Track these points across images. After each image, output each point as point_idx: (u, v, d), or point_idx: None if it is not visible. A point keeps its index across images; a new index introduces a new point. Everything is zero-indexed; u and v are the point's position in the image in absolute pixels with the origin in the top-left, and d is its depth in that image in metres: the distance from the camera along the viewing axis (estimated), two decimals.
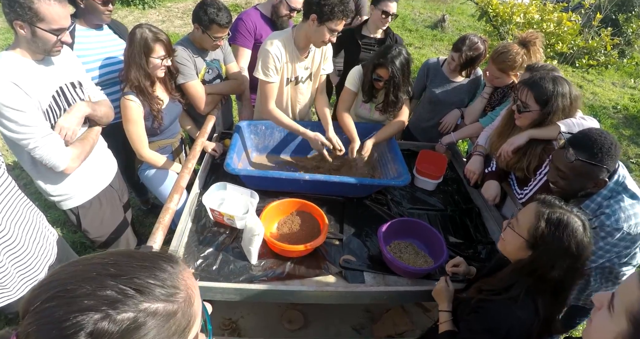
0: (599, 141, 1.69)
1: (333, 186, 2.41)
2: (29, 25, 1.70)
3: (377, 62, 2.59)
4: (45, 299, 0.60)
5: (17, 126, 1.73)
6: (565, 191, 1.82)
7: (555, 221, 1.37)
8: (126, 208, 2.57)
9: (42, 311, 0.60)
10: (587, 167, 1.71)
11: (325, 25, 2.33)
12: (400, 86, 2.64)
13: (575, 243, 1.35)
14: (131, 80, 2.23)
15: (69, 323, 0.58)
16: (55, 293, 0.61)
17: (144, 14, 8.21)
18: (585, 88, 6.99)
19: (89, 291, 0.61)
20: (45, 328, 0.59)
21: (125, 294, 0.62)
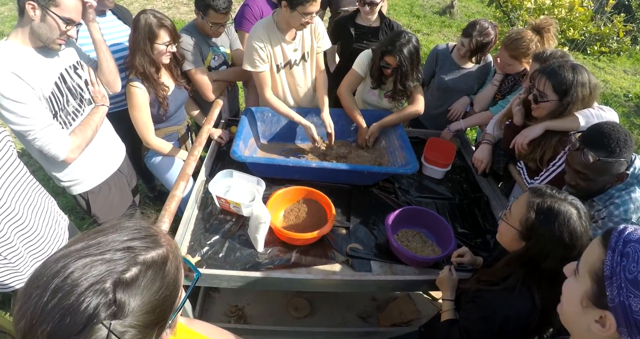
0: (614, 136, 1.62)
1: (340, 174, 2.40)
2: (42, 8, 1.69)
3: (384, 50, 2.55)
4: (46, 299, 0.62)
5: (17, 117, 1.73)
6: (588, 191, 1.76)
7: (545, 211, 1.36)
8: (134, 193, 2.58)
9: (50, 310, 0.62)
10: (608, 164, 1.64)
11: (297, 10, 2.30)
12: (408, 75, 2.59)
13: (567, 232, 1.33)
14: (136, 66, 2.21)
15: (84, 306, 0.62)
16: (54, 289, 0.63)
17: (150, 0, 8.15)
18: (597, 76, 6.85)
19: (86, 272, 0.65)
20: (63, 322, 0.61)
21: (117, 260, 0.67)
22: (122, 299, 0.65)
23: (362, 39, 3.32)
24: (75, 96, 2.01)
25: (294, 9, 2.30)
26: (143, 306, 0.67)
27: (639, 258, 0.82)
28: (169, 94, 2.40)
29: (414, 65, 2.58)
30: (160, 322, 0.72)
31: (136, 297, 0.67)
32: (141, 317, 0.67)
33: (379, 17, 3.31)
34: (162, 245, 0.76)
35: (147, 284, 0.69)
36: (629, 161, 1.66)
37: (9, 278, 1.80)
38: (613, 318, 0.83)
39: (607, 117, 1.93)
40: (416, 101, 2.78)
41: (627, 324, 0.82)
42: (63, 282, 0.63)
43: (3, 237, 1.67)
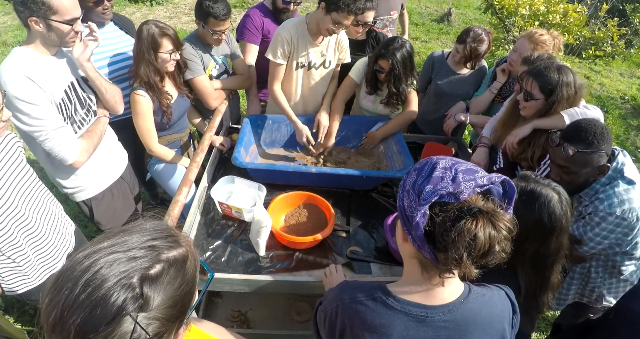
0: (591, 129, 1.72)
1: (340, 179, 2.44)
2: (44, 20, 1.76)
3: (378, 54, 2.61)
4: (77, 292, 0.67)
5: (29, 118, 1.78)
6: (573, 184, 1.82)
7: (527, 193, 1.42)
8: (137, 200, 2.62)
9: (81, 302, 0.67)
10: (587, 156, 1.73)
11: (331, 15, 2.36)
12: (401, 78, 2.64)
13: (547, 214, 1.39)
14: (141, 76, 2.27)
15: (113, 299, 0.67)
16: (84, 283, 0.68)
17: (152, 10, 8.25)
18: (593, 79, 6.94)
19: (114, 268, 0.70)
20: (93, 313, 0.66)
21: (142, 257, 0.73)
22: (148, 294, 0.70)
23: None
24: (83, 106, 2.07)
25: (328, 13, 2.37)
26: (166, 301, 0.72)
27: (412, 171, 1.01)
28: (172, 103, 2.45)
29: (407, 70, 2.63)
30: (180, 317, 0.77)
31: (160, 292, 0.72)
32: (164, 310, 0.72)
33: (366, 32, 3.28)
34: (182, 245, 0.81)
35: (170, 280, 0.74)
36: (608, 153, 1.74)
37: (17, 281, 1.84)
38: (402, 224, 1.00)
39: (591, 115, 2.01)
40: (409, 104, 2.84)
41: (404, 224, 0.98)
42: (93, 277, 0.68)
43: (13, 241, 1.71)
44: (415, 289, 1.04)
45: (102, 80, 2.12)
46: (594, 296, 2.12)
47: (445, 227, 0.89)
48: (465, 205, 0.90)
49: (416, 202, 0.94)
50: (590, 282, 2.09)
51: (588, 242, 1.86)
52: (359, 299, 1.07)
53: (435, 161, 0.98)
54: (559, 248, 1.48)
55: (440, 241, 0.91)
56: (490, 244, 0.88)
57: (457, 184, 0.90)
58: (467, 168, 0.95)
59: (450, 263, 0.91)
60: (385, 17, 3.85)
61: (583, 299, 2.18)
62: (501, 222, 0.89)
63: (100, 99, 2.16)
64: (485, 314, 1.07)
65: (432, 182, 0.93)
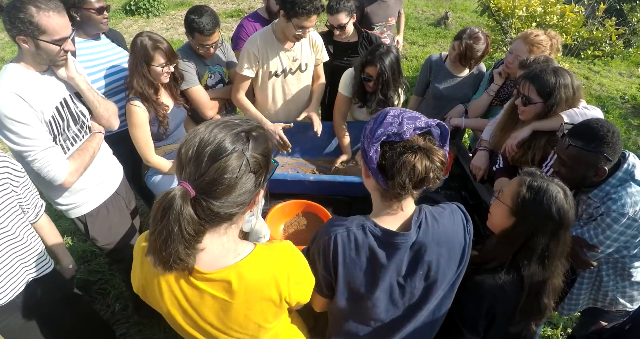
0: (595, 129, 1.71)
1: (338, 186, 2.41)
2: (32, 39, 1.73)
3: (364, 61, 2.57)
4: (206, 138, 0.98)
5: (19, 138, 1.76)
6: (568, 179, 1.81)
7: (535, 188, 1.46)
8: (134, 215, 2.58)
9: (212, 143, 0.97)
10: (583, 154, 1.73)
11: (292, 21, 2.36)
12: (389, 84, 2.59)
13: (555, 208, 1.43)
14: (135, 88, 2.26)
15: (231, 140, 0.99)
16: (209, 135, 0.99)
17: (149, 22, 8.28)
18: (592, 79, 6.91)
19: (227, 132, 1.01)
20: (219, 146, 0.97)
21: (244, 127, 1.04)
22: (251, 143, 1.01)
23: (342, 56, 3.29)
24: (76, 122, 2.04)
25: (289, 20, 2.36)
26: (261, 151, 1.04)
27: (371, 120, 1.24)
28: (168, 113, 2.44)
29: (395, 75, 2.58)
30: (266, 168, 1.08)
31: (257, 145, 1.03)
32: (259, 157, 1.03)
33: (356, 32, 3.29)
34: (263, 130, 1.10)
35: (262, 141, 1.06)
36: (610, 158, 1.72)
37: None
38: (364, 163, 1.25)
39: (591, 115, 2.00)
40: None
41: (365, 161, 1.23)
42: (214, 136, 0.98)
43: None
44: (386, 213, 1.29)
45: (94, 93, 2.09)
46: (608, 299, 2.08)
47: (393, 161, 1.14)
48: (409, 144, 1.14)
49: (371, 141, 1.18)
50: (602, 286, 2.06)
51: (598, 246, 1.83)
52: (350, 229, 1.27)
53: (387, 111, 1.22)
54: (565, 245, 1.51)
55: (389, 171, 1.16)
56: (426, 172, 1.13)
57: (401, 126, 1.15)
58: (411, 115, 1.19)
59: (397, 187, 1.15)
60: (382, 23, 3.85)
61: (597, 304, 2.14)
62: (435, 156, 1.14)
63: (94, 113, 2.13)
64: (443, 227, 1.30)
65: (383, 127, 1.17)
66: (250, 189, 1.02)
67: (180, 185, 0.95)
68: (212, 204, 0.97)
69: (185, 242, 0.96)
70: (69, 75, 1.95)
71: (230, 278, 1.06)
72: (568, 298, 2.13)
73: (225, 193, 0.98)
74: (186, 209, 0.93)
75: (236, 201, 1.00)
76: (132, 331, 2.81)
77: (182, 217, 0.93)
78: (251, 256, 1.11)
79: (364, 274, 1.27)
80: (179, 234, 0.94)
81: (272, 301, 1.14)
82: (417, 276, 1.30)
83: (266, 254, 1.14)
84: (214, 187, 0.96)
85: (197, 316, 1.13)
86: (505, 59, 2.84)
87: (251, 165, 0.99)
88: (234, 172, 0.97)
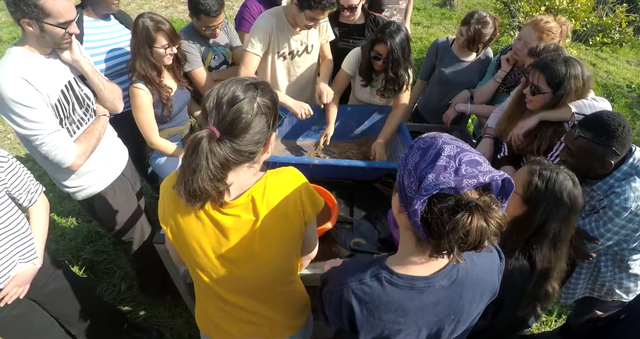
0: (606, 122, 1.71)
1: (342, 170, 2.42)
2: (37, 22, 1.72)
3: (374, 38, 2.53)
4: (224, 89, 1.17)
5: (25, 121, 1.76)
6: (574, 169, 1.81)
7: (546, 176, 1.49)
8: (139, 196, 2.60)
9: (228, 91, 1.16)
10: (591, 146, 1.73)
11: (304, 12, 2.33)
12: (400, 62, 2.54)
13: (567, 193, 1.47)
14: (137, 70, 2.24)
15: (244, 88, 1.17)
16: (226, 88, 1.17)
17: (147, 0, 8.17)
18: (599, 66, 6.84)
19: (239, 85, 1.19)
20: (235, 95, 1.15)
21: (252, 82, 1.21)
22: (260, 91, 1.19)
23: (348, 38, 3.24)
24: (81, 105, 2.03)
25: (302, 11, 2.33)
26: (268, 98, 1.20)
27: (416, 150, 1.01)
28: (172, 95, 2.43)
29: (405, 53, 2.54)
30: (274, 115, 1.24)
31: (264, 94, 1.20)
32: (267, 101, 1.20)
33: (363, 14, 3.22)
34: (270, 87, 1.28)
35: (268, 91, 1.23)
36: (619, 152, 1.72)
37: None
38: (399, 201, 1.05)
39: (599, 107, 1.99)
40: (400, 97, 2.76)
41: (402, 201, 1.03)
42: (228, 88, 1.16)
43: None
44: (414, 261, 1.09)
45: (99, 76, 2.08)
46: (604, 290, 2.11)
47: (442, 219, 0.92)
48: (463, 198, 0.92)
49: (416, 187, 0.96)
50: (600, 277, 2.08)
51: (599, 238, 1.85)
52: (364, 281, 1.11)
53: (440, 145, 0.97)
54: (573, 228, 1.55)
55: (434, 229, 0.94)
56: (481, 239, 0.91)
57: (459, 179, 0.91)
58: (471, 159, 0.95)
59: (441, 251, 0.96)
60: (393, 5, 3.78)
61: (593, 293, 2.16)
62: (494, 220, 0.92)
63: (98, 96, 2.12)
64: (478, 270, 1.15)
65: (435, 171, 0.94)
66: (263, 128, 1.20)
67: (207, 128, 1.13)
68: (234, 142, 1.15)
69: (210, 174, 1.12)
70: (73, 58, 1.94)
71: (253, 194, 1.25)
72: (566, 287, 2.16)
73: (244, 131, 1.15)
74: (213, 145, 1.11)
75: (253, 139, 1.18)
76: (138, 309, 2.86)
77: (209, 151, 1.10)
78: (265, 177, 1.29)
79: (385, 324, 1.12)
80: (205, 165, 1.10)
81: (291, 218, 1.31)
82: (447, 321, 1.16)
83: (278, 175, 1.31)
84: (233, 126, 1.14)
85: (225, 242, 1.29)
86: (513, 46, 2.80)
87: (262, 107, 1.17)
88: (249, 113, 1.14)
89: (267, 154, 1.32)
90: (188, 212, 1.26)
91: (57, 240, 3.29)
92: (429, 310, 1.11)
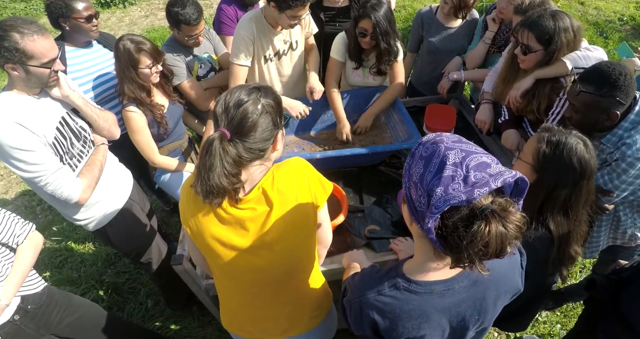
0: (606, 73, 1.67)
1: (346, 159, 2.41)
2: (21, 66, 1.72)
3: (357, 15, 2.48)
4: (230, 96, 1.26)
5: (27, 165, 1.76)
6: (581, 125, 1.79)
7: (555, 142, 1.47)
8: (150, 216, 2.61)
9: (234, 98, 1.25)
10: (594, 99, 1.70)
11: (285, 13, 2.28)
12: (389, 33, 2.48)
13: (577, 159, 1.45)
14: (127, 94, 2.23)
15: (247, 93, 1.26)
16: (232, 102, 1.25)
17: (126, 12, 8.06)
18: (587, 4, 6.68)
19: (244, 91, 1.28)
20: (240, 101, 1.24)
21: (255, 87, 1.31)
22: (262, 93, 1.28)
23: (334, 21, 3.19)
24: (79, 138, 2.04)
25: (282, 12, 2.28)
26: (271, 99, 1.30)
27: (419, 160, 0.96)
28: (165, 113, 2.42)
29: (391, 24, 2.48)
30: (279, 115, 1.33)
31: (267, 95, 1.29)
32: (271, 101, 1.29)
33: None
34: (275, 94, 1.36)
35: (271, 92, 1.32)
36: (624, 101, 1.68)
37: None
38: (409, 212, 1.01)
39: (594, 57, 1.97)
40: (396, 76, 2.73)
41: (413, 214, 0.98)
42: (233, 94, 1.26)
43: None
44: (432, 267, 1.05)
45: (91, 107, 2.08)
46: (627, 236, 2.12)
47: (458, 233, 0.87)
48: (477, 206, 0.87)
49: (426, 202, 0.91)
50: (621, 225, 2.08)
51: (614, 190, 1.83)
52: (383, 292, 1.08)
53: (444, 153, 0.92)
54: (589, 193, 1.53)
55: (452, 243, 0.89)
56: (502, 247, 0.87)
57: (469, 189, 0.86)
58: (479, 162, 0.90)
59: (462, 263, 0.91)
60: None
61: (617, 242, 2.18)
62: (512, 223, 0.87)
63: (94, 126, 2.13)
64: (499, 268, 1.12)
65: (443, 183, 0.88)
66: (269, 126, 1.28)
67: (219, 131, 1.21)
68: (244, 141, 1.24)
69: (225, 171, 1.19)
70: (63, 94, 1.94)
71: (264, 186, 1.32)
72: (588, 242, 2.16)
73: (252, 130, 1.23)
74: (224, 144, 1.20)
75: (262, 136, 1.26)
76: (168, 323, 2.91)
77: (222, 150, 1.18)
78: (273, 169, 1.37)
79: (409, 331, 1.09)
80: (220, 164, 1.18)
81: (302, 203, 1.37)
82: (471, 321, 1.13)
83: (284, 165, 1.39)
84: (242, 126, 1.22)
85: (245, 233, 1.35)
86: (497, 4, 2.74)
87: (266, 107, 1.26)
88: (254, 112, 1.23)
89: (277, 152, 1.39)
90: (207, 210, 1.34)
91: (77, 267, 3.34)
92: (451, 311, 1.09)
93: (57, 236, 3.56)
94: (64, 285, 3.12)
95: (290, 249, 1.43)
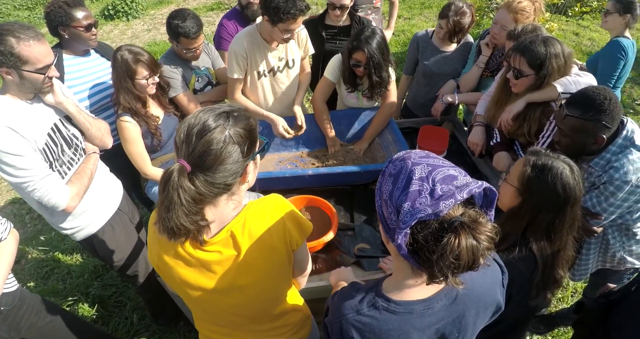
0: (591, 97, 1.70)
1: (338, 177, 2.42)
2: (15, 70, 1.72)
3: (351, 47, 2.52)
4: (193, 122, 1.11)
5: (15, 170, 1.75)
6: (569, 148, 1.82)
7: (540, 166, 1.46)
8: (139, 228, 2.58)
9: (198, 124, 1.10)
10: (580, 123, 1.73)
11: (277, 26, 2.33)
12: (381, 65, 2.54)
13: (561, 185, 1.43)
14: (122, 104, 2.24)
15: (213, 119, 1.10)
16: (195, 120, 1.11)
17: (129, 25, 8.18)
18: (582, 35, 6.83)
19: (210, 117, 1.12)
20: (205, 126, 1.09)
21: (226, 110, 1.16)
22: (232, 120, 1.13)
23: (335, 39, 3.26)
24: (70, 145, 2.03)
25: (275, 25, 2.33)
26: (242, 127, 1.14)
27: (388, 177, 0.98)
28: (159, 124, 2.43)
29: (384, 55, 2.54)
30: (249, 142, 1.16)
31: (238, 122, 1.13)
32: (240, 130, 1.13)
33: (349, 16, 3.25)
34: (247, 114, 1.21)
35: (243, 119, 1.16)
36: (610, 125, 1.71)
37: None
38: (384, 230, 1.02)
39: (584, 82, 2.01)
40: (387, 97, 2.77)
41: (386, 232, 0.99)
42: (199, 118, 1.11)
43: None
44: (410, 284, 1.05)
45: (84, 115, 2.08)
46: (616, 260, 2.12)
47: (428, 247, 0.88)
48: (446, 218, 0.87)
49: (395, 218, 0.92)
50: (609, 248, 2.09)
51: (602, 213, 1.84)
52: (362, 312, 1.07)
53: (410, 168, 0.94)
54: (574, 219, 1.52)
55: (423, 258, 0.90)
56: (474, 259, 0.87)
57: (436, 202, 0.87)
58: (445, 175, 0.91)
59: (436, 278, 0.91)
60: (367, 5, 3.77)
61: (606, 265, 2.18)
62: (483, 234, 0.87)
63: (86, 135, 2.12)
64: (478, 286, 1.11)
65: (410, 198, 0.90)
66: (237, 159, 1.14)
67: (178, 162, 1.08)
68: (206, 175, 1.10)
69: (184, 210, 1.07)
70: (56, 100, 1.94)
71: (233, 229, 1.21)
72: (578, 264, 2.16)
73: (215, 163, 1.10)
74: (182, 180, 1.06)
75: (227, 170, 1.12)
76: None
77: (179, 187, 1.05)
78: (246, 209, 1.25)
79: None
80: (179, 202, 1.06)
81: (278, 249, 1.28)
82: (450, 338, 1.11)
83: (258, 206, 1.27)
84: (204, 158, 1.09)
85: (212, 275, 1.26)
86: (490, 30, 2.80)
87: (233, 137, 1.11)
88: (219, 143, 1.09)
89: (246, 184, 1.26)
90: (172, 250, 1.24)
91: (64, 278, 3.29)
92: (431, 329, 1.08)
93: (45, 245, 3.52)
94: (48, 296, 3.06)
95: (265, 291, 1.36)
